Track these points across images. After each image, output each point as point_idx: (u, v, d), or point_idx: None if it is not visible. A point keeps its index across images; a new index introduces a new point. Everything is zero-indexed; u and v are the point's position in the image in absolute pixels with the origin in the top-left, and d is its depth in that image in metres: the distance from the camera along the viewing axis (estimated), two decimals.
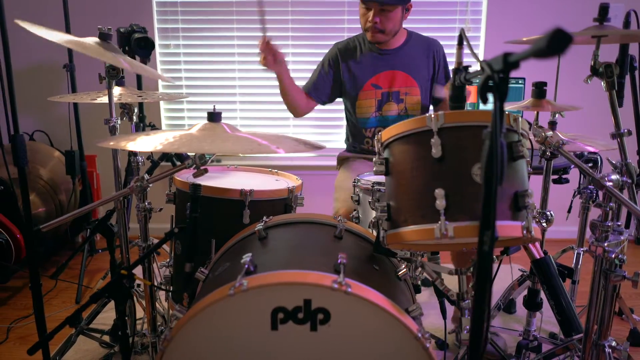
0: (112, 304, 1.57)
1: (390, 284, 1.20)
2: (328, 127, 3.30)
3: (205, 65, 3.29)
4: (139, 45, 2.50)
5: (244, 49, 3.24)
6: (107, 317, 2.15)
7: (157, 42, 3.23)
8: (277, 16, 3.18)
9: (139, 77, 2.71)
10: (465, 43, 1.06)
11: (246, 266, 1.06)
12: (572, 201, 2.05)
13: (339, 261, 1.07)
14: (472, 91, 3.06)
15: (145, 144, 1.12)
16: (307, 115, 3.16)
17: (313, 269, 1.04)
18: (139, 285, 1.88)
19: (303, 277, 1.00)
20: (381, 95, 2.11)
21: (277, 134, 1.34)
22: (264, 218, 1.40)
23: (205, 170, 1.28)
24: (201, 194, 1.58)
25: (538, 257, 1.53)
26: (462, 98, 1.12)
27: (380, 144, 1.20)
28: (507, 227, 1.05)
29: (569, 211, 2.08)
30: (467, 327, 1.12)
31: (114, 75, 1.55)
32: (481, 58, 3.22)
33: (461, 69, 1.07)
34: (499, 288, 2.12)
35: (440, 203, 1.03)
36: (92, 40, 1.54)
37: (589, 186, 1.77)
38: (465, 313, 1.19)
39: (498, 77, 0.75)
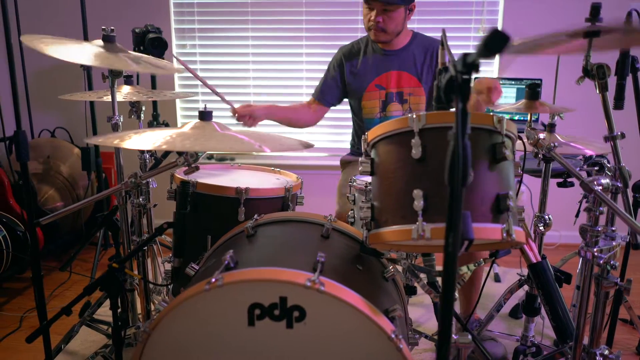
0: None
1: (372, 284, 1.20)
2: (341, 127, 3.30)
3: (220, 65, 3.34)
4: (153, 45, 2.56)
5: (258, 49, 3.28)
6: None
7: (174, 42, 3.30)
8: (291, 16, 3.21)
9: (152, 76, 2.78)
10: (444, 43, 1.05)
11: (226, 262, 1.08)
12: (580, 205, 2.00)
13: (317, 259, 1.07)
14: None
15: (133, 141, 1.15)
16: None
17: (291, 267, 1.05)
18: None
19: (278, 274, 1.02)
20: (385, 96, 2.11)
21: (267, 133, 1.36)
22: (255, 216, 1.42)
23: (197, 168, 1.31)
24: (198, 191, 1.62)
25: (535, 261, 1.50)
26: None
27: (367, 144, 1.21)
28: (486, 230, 1.03)
29: (577, 216, 2.03)
30: None
31: (117, 75, 1.59)
32: (498, 58, 3.17)
33: (443, 69, 1.06)
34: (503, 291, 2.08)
35: (418, 204, 1.02)
36: (97, 42, 1.60)
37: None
38: None
39: (461, 78, 0.75)
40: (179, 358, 1.07)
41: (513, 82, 2.97)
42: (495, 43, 0.53)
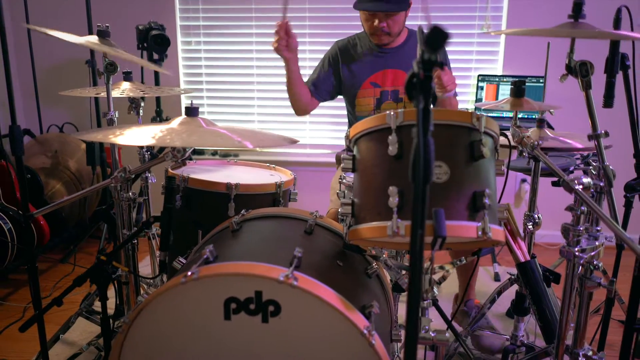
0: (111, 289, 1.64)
1: (351, 280, 1.21)
2: (341, 124, 3.30)
3: (224, 62, 3.37)
4: (156, 42, 2.60)
5: (262, 45, 3.30)
6: (112, 302, 2.24)
7: (179, 39, 3.33)
8: (294, 14, 3.21)
9: (156, 74, 2.81)
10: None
11: (205, 256, 1.10)
12: None
13: (294, 254, 1.08)
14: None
15: (118, 137, 1.17)
16: (324, 113, 3.21)
17: (268, 262, 1.06)
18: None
19: (253, 268, 1.03)
20: (380, 94, 2.11)
21: (252, 129, 1.37)
22: (243, 211, 1.44)
23: (184, 163, 1.32)
24: (190, 186, 1.65)
25: (523, 260, 1.49)
26: None
27: (349, 141, 1.21)
28: (461, 228, 1.03)
29: None
30: (426, 326, 1.11)
31: (111, 71, 1.62)
32: (502, 55, 3.14)
33: None
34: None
35: (393, 201, 1.02)
36: (94, 38, 1.63)
37: (590, 190, 1.70)
38: (425, 313, 1.18)
39: (424, 74, 0.75)
40: (158, 349, 1.09)
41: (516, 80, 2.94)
42: (435, 40, 0.53)
